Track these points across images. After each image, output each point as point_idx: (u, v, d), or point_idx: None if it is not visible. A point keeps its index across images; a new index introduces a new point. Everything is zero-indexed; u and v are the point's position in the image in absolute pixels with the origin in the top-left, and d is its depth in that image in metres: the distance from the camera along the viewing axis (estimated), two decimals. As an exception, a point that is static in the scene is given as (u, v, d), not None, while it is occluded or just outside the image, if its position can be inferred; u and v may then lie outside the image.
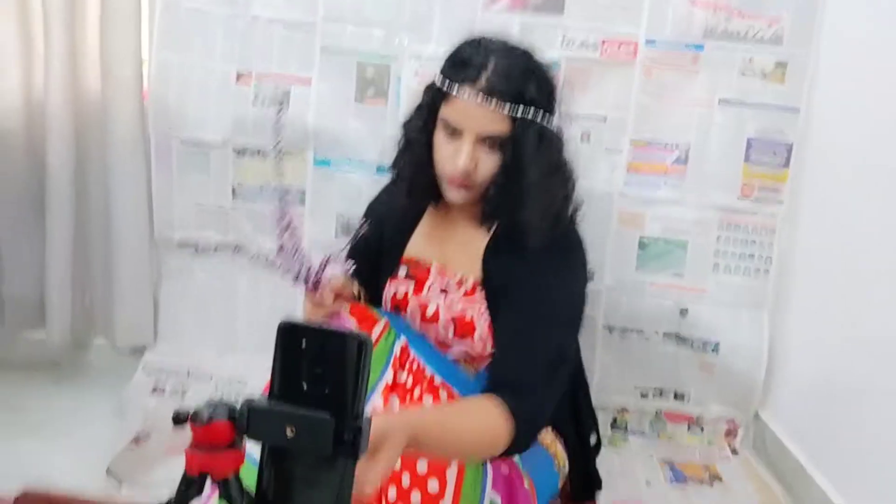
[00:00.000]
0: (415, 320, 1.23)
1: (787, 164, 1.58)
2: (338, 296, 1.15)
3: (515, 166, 1.11)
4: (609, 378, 1.70)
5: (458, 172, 1.12)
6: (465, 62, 1.11)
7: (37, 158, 1.68)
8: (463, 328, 1.19)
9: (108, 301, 1.76)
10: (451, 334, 1.20)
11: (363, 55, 1.62)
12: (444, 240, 1.26)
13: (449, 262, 1.24)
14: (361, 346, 0.54)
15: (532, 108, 1.10)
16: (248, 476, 0.56)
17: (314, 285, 1.13)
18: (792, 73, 1.55)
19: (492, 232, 1.20)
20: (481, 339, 1.18)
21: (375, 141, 1.64)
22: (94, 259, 1.76)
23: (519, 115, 1.09)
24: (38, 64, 1.64)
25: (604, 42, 1.57)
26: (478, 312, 1.18)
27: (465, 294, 1.20)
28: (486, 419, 0.99)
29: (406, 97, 1.61)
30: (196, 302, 1.77)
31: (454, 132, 1.12)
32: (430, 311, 1.21)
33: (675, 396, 1.70)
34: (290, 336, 0.54)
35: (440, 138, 1.15)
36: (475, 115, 1.09)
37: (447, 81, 1.12)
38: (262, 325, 1.74)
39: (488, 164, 1.12)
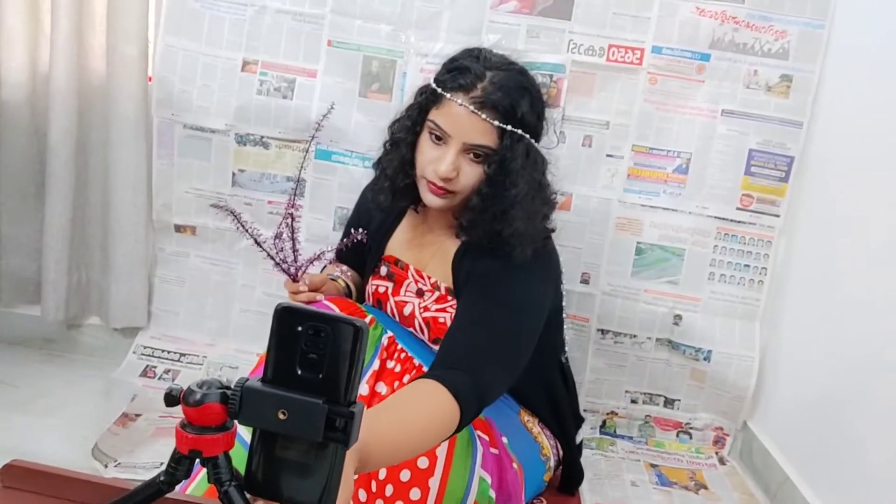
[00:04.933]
0: (394, 318, 1.25)
1: (786, 177, 1.59)
2: (315, 289, 1.18)
3: (501, 180, 1.11)
4: (600, 381, 1.71)
5: (438, 178, 1.12)
6: (462, 70, 1.12)
7: (39, 135, 1.68)
8: (437, 331, 1.20)
9: (103, 281, 1.76)
10: (426, 336, 1.22)
11: (369, 49, 1.63)
12: (421, 244, 1.27)
13: (425, 266, 1.26)
14: (357, 333, 0.54)
15: (521, 127, 1.11)
16: (237, 458, 0.56)
17: (295, 276, 1.17)
18: (797, 87, 1.56)
19: (462, 241, 1.20)
20: None
21: (377, 135, 1.62)
22: (92, 239, 1.76)
23: (508, 130, 1.10)
24: (44, 41, 1.64)
25: (610, 47, 1.58)
26: (450, 318, 1.18)
27: (438, 299, 1.22)
28: (435, 409, 0.89)
29: (410, 94, 1.61)
30: (190, 287, 1.77)
31: (440, 138, 1.13)
32: (406, 311, 1.23)
33: (665, 403, 1.70)
34: (286, 320, 0.54)
35: (425, 142, 1.15)
36: (465, 123, 1.10)
37: (442, 86, 1.13)
38: (256, 313, 1.75)
39: (470, 174, 1.13)
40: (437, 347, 1.19)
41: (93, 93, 1.67)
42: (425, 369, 1.13)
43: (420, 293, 1.24)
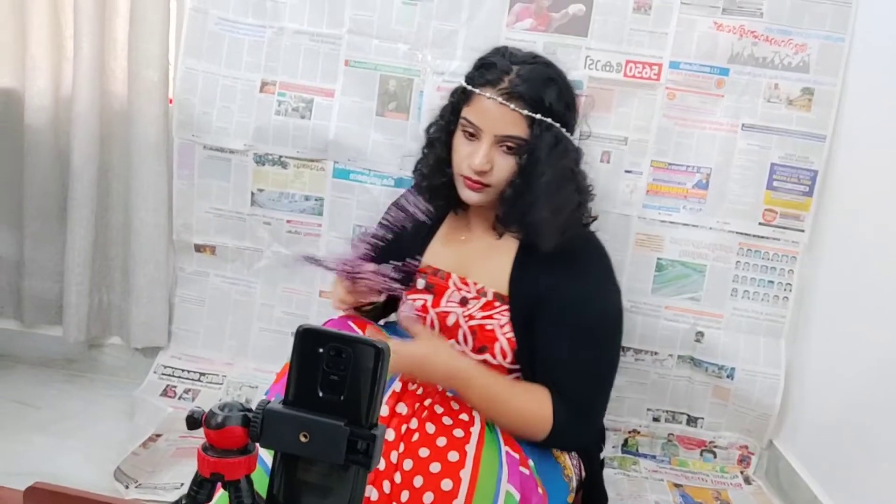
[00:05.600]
0: (434, 331, 1.22)
1: (810, 191, 1.57)
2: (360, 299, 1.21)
3: (530, 168, 1.14)
4: (621, 399, 1.68)
5: (473, 172, 1.15)
6: (489, 66, 1.17)
7: (62, 158, 1.71)
8: (483, 339, 1.18)
9: (124, 301, 1.77)
10: (469, 346, 1.20)
11: (386, 69, 1.64)
12: (463, 250, 1.27)
13: (468, 273, 1.24)
14: (379, 354, 0.53)
15: (550, 116, 1.14)
16: (259, 480, 0.56)
17: (353, 279, 1.16)
18: (819, 100, 1.55)
19: (518, 246, 1.21)
20: (501, 351, 1.17)
21: (395, 154, 1.65)
22: (113, 259, 1.78)
23: (537, 118, 1.13)
24: (66, 65, 1.67)
25: (628, 63, 1.57)
26: (498, 325, 1.18)
27: (485, 305, 1.20)
28: (536, 405, 1.11)
29: (427, 112, 1.62)
30: (210, 306, 1.78)
31: (473, 134, 1.16)
32: (450, 321, 1.21)
33: (688, 421, 1.68)
34: (307, 341, 0.54)
35: (459, 139, 1.19)
36: (495, 115, 1.13)
37: (471, 83, 1.17)
38: (275, 332, 1.75)
39: (504, 166, 1.16)
40: (480, 357, 1.18)
41: (114, 116, 1.70)
42: (448, 393, 1.13)
43: (464, 301, 1.22)
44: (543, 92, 1.13)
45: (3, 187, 1.75)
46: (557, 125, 1.14)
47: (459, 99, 1.20)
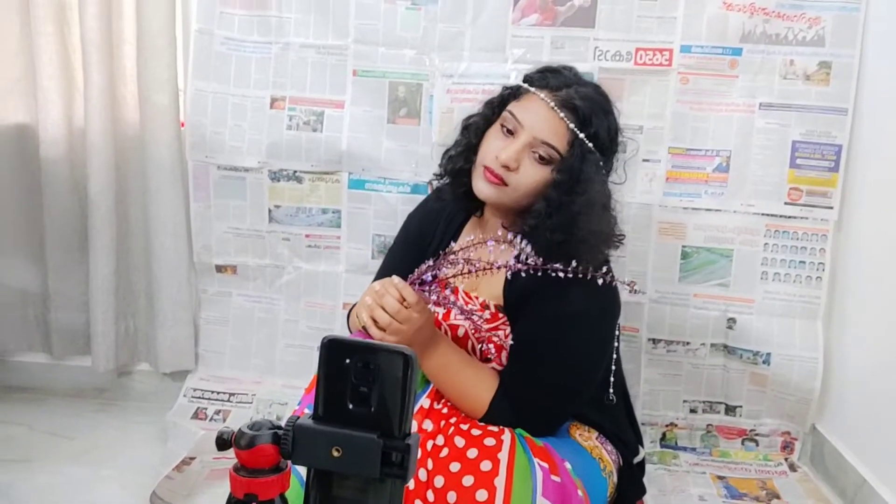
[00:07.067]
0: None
1: (836, 167, 1.53)
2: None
3: (570, 187, 1.09)
4: (655, 392, 1.66)
5: (498, 164, 1.10)
6: (554, 72, 1.16)
7: (79, 188, 1.72)
8: (488, 351, 1.17)
9: (150, 327, 1.78)
10: (477, 355, 1.20)
11: (395, 75, 1.63)
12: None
13: (473, 286, 1.22)
14: (407, 362, 0.52)
15: (593, 142, 1.10)
16: (295, 496, 0.55)
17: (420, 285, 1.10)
18: (837, 73, 1.51)
19: (514, 256, 1.12)
20: (507, 357, 1.16)
21: (408, 160, 1.64)
22: (136, 286, 1.78)
23: (580, 137, 1.09)
24: (78, 96, 1.68)
25: (637, 51, 1.55)
26: (504, 335, 1.16)
27: (489, 319, 1.18)
28: (481, 388, 1.12)
29: (438, 116, 1.61)
30: (234, 326, 1.78)
31: (512, 131, 1.12)
32: (460, 332, 1.20)
33: (727, 410, 1.64)
34: (333, 352, 0.53)
35: (494, 132, 1.15)
36: (541, 117, 1.10)
37: (529, 82, 1.15)
38: (300, 348, 1.75)
39: (530, 173, 1.10)
40: (489, 365, 1.18)
41: (128, 143, 1.70)
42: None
43: (470, 315, 1.19)
44: (595, 116, 1.10)
45: (23, 221, 1.76)
46: (597, 154, 1.11)
47: (511, 94, 1.16)
